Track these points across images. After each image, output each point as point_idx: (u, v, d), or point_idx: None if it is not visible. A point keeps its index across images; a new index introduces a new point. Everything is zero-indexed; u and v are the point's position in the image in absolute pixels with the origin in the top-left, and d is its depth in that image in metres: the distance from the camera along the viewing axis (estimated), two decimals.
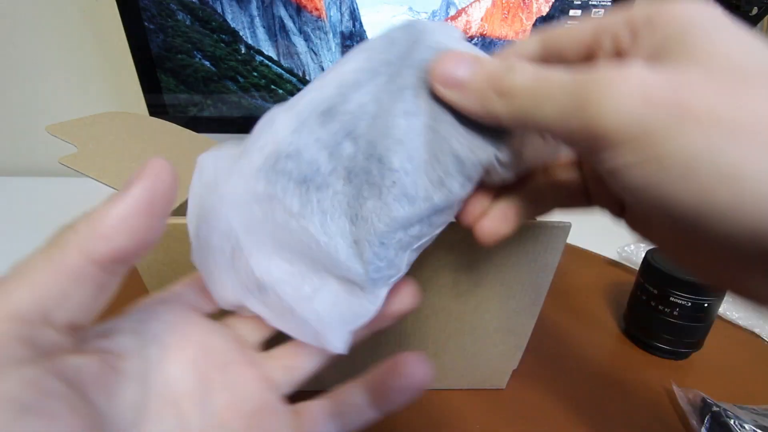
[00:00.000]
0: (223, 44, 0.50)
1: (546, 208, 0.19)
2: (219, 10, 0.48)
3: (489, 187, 0.17)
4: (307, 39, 0.50)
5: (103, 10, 0.60)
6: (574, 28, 0.15)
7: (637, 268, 0.36)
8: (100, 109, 0.67)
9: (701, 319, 0.33)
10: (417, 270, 0.24)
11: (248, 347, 0.18)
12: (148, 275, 0.24)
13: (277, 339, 0.19)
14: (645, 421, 0.30)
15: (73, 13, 0.60)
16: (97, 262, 0.12)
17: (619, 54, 0.13)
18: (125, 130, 0.29)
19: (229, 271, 0.16)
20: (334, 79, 0.15)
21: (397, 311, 0.18)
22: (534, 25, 0.50)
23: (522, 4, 0.49)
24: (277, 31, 0.50)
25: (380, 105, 0.15)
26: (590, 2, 0.49)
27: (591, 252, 0.51)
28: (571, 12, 0.49)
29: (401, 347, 0.29)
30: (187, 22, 0.48)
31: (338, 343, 0.16)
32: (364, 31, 0.50)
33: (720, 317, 0.40)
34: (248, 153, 0.15)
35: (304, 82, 0.53)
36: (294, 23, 0.50)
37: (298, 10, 0.49)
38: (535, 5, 0.49)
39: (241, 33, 0.49)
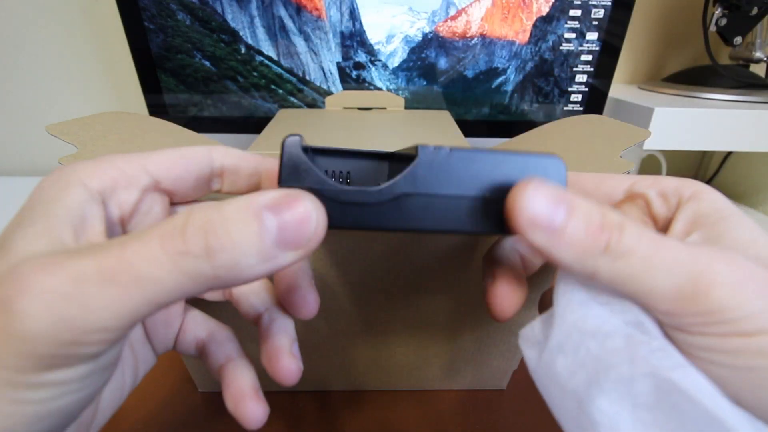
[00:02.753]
0: (223, 44, 0.50)
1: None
2: (219, 10, 0.48)
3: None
4: (307, 39, 0.50)
5: (103, 10, 0.60)
6: (607, 181, 0.17)
7: None
8: (100, 109, 0.67)
9: None
10: (417, 271, 0.24)
11: None
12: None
13: None
14: None
15: (73, 13, 0.60)
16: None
17: (650, 215, 0.16)
18: (125, 130, 0.29)
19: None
20: None
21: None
22: (534, 25, 0.50)
23: (522, 4, 0.49)
24: (277, 31, 0.50)
25: None
26: (590, 2, 0.49)
27: None
28: (571, 12, 0.49)
29: (400, 347, 0.29)
30: (187, 22, 0.48)
31: None
32: (364, 31, 0.50)
33: None
34: None
35: (304, 82, 0.53)
36: (294, 23, 0.50)
37: (298, 10, 0.49)
38: (535, 5, 0.49)
39: (241, 33, 0.49)
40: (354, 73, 0.53)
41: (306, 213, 0.11)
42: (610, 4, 0.49)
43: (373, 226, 0.14)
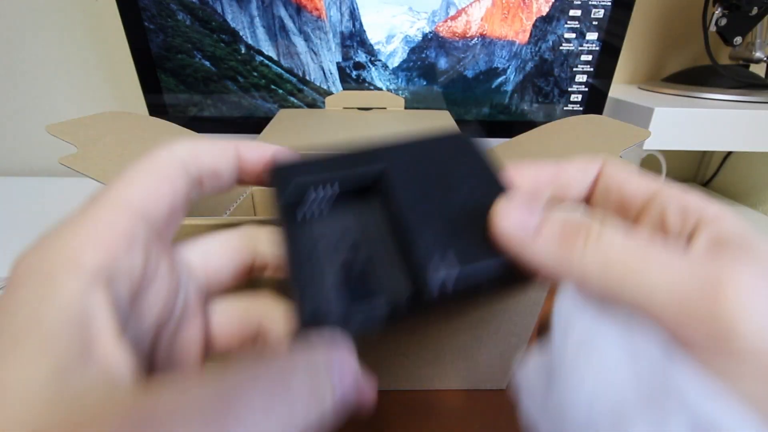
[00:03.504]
0: (223, 44, 0.50)
1: None
2: (219, 10, 0.48)
3: None
4: (307, 39, 0.50)
5: (103, 10, 0.60)
6: (635, 182, 0.15)
7: None
8: (100, 109, 0.67)
9: None
10: None
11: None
12: None
13: None
14: None
15: (73, 13, 0.60)
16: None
17: (662, 227, 0.14)
18: (125, 130, 0.29)
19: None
20: None
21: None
22: (534, 25, 0.50)
23: (522, 4, 0.49)
24: (277, 31, 0.50)
25: None
26: (590, 2, 0.49)
27: None
28: (571, 12, 0.49)
29: (400, 347, 0.29)
30: (187, 22, 0.48)
31: None
32: (364, 31, 0.50)
33: None
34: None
35: (304, 82, 0.53)
36: (294, 23, 0.50)
37: (298, 10, 0.49)
38: (535, 5, 0.49)
39: (241, 33, 0.49)
40: (354, 73, 0.53)
41: None
42: (610, 4, 0.49)
43: None
